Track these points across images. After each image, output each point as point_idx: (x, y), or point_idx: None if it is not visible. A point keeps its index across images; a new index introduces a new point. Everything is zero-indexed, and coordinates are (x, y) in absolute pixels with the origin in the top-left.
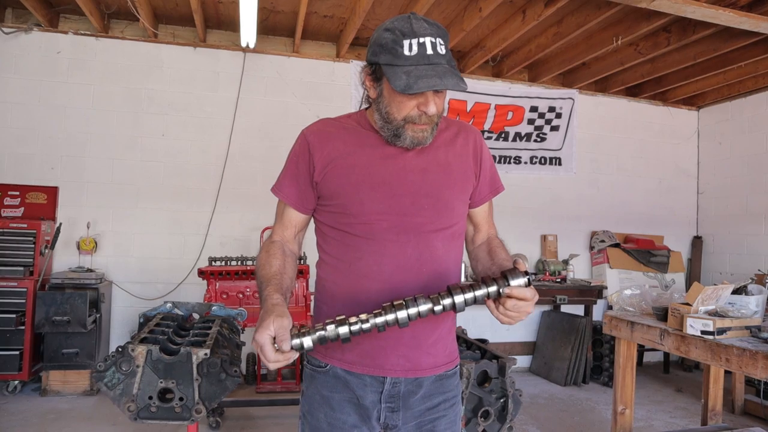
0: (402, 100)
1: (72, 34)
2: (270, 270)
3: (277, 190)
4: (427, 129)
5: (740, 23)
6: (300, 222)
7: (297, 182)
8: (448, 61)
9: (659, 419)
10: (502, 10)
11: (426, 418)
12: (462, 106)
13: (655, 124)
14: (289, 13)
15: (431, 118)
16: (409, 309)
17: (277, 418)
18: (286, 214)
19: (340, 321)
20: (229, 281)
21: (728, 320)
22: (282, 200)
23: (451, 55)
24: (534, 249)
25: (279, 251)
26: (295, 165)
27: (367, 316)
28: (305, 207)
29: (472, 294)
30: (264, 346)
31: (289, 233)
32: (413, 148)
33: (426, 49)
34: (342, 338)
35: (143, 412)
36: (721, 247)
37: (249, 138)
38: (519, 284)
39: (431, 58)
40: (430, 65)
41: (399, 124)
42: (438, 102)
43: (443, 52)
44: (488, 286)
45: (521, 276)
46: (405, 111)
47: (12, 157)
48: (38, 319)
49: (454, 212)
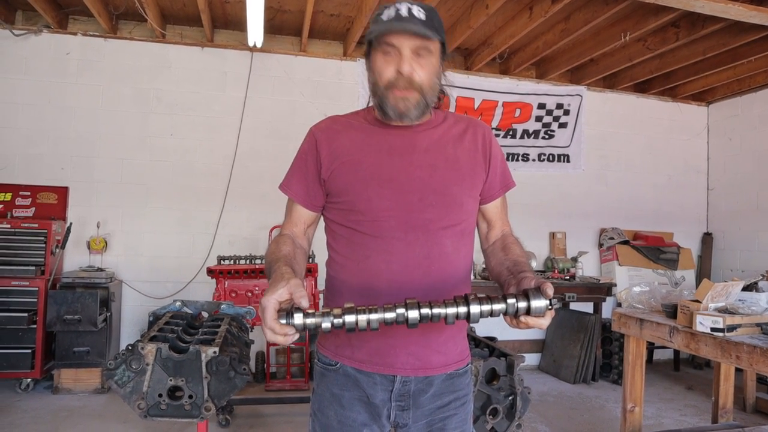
0: (381, 65)
1: (81, 35)
2: (279, 254)
3: (286, 188)
4: (409, 97)
5: (750, 17)
6: (309, 218)
7: (305, 179)
8: (425, 23)
9: (669, 417)
10: (509, 6)
11: (436, 416)
12: (469, 104)
13: (664, 120)
14: (295, 12)
15: (409, 80)
16: (421, 311)
17: (287, 416)
18: (295, 211)
19: (348, 309)
20: (237, 280)
21: (738, 317)
22: (290, 197)
23: (435, 24)
24: (543, 246)
25: (289, 241)
26: (304, 162)
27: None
28: (313, 204)
29: (489, 307)
30: (267, 308)
31: (299, 229)
32: (401, 122)
33: (401, 12)
34: (347, 327)
35: (153, 409)
36: (731, 244)
37: (257, 137)
38: (539, 310)
39: (403, 18)
40: (400, 21)
41: (382, 91)
42: (421, 64)
43: (419, 16)
44: (507, 305)
45: (542, 300)
46: (385, 75)
47: (23, 157)
48: (50, 317)
49: (463, 209)
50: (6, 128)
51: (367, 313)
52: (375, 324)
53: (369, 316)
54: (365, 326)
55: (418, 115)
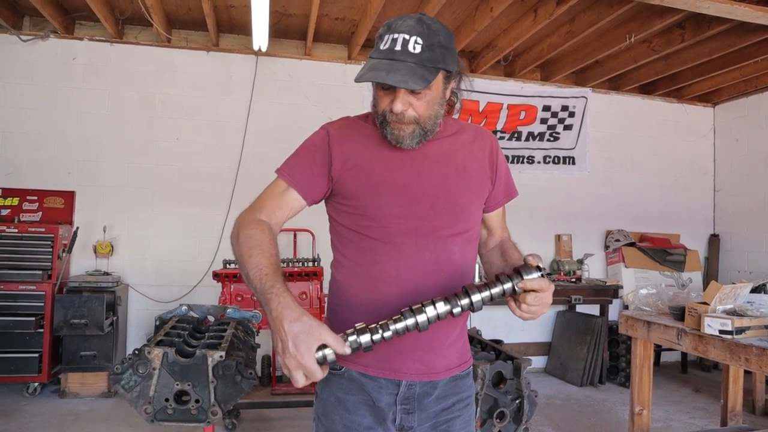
0: (379, 95)
1: (87, 40)
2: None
3: (288, 174)
4: (403, 128)
5: (756, 18)
6: (298, 208)
7: (310, 170)
8: (420, 60)
9: (677, 420)
10: (514, 9)
11: (441, 419)
12: (474, 106)
13: (670, 121)
14: (300, 16)
15: (399, 117)
16: (428, 312)
17: (293, 420)
18: (287, 197)
19: (361, 330)
20: (243, 284)
21: (747, 319)
22: (290, 185)
23: (434, 55)
24: (548, 249)
25: (270, 234)
26: (312, 153)
27: (387, 323)
28: (311, 197)
29: (488, 292)
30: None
31: (281, 216)
32: (398, 146)
33: (395, 45)
34: (364, 348)
35: (160, 414)
36: (738, 245)
37: (262, 141)
38: (532, 278)
39: (396, 54)
40: (392, 60)
41: (380, 118)
42: (416, 103)
43: (415, 51)
44: (503, 283)
45: (534, 270)
46: (381, 106)
47: (30, 162)
48: (57, 321)
49: (471, 217)
50: (13, 133)
51: (381, 330)
52: (390, 338)
53: (383, 333)
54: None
55: (417, 143)
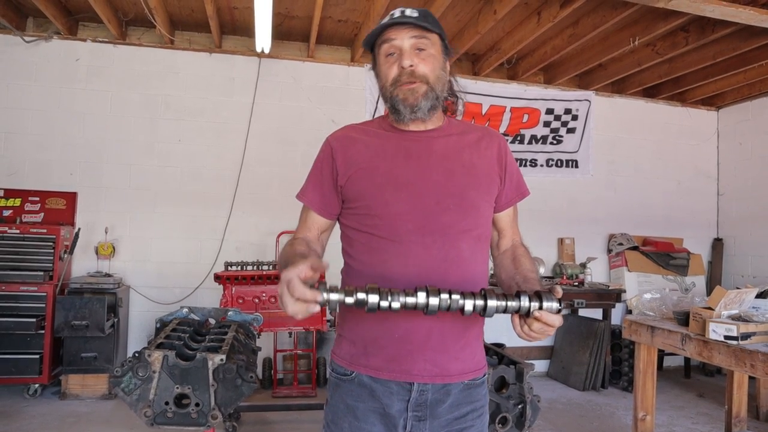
0: (385, 67)
1: (90, 41)
2: (295, 251)
3: (302, 196)
4: (416, 88)
5: (761, 21)
6: (323, 225)
7: (321, 187)
8: (418, 20)
9: (681, 425)
10: (517, 12)
11: (454, 428)
12: (477, 109)
13: (674, 125)
14: (303, 18)
15: (413, 73)
16: (441, 297)
17: (293, 423)
18: (310, 218)
19: (371, 289)
20: (245, 286)
21: (752, 325)
22: (306, 205)
23: (430, 21)
24: (551, 252)
25: (303, 242)
26: (319, 170)
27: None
28: (328, 211)
29: (504, 303)
30: (291, 280)
31: (312, 234)
32: (414, 119)
33: (394, 15)
34: (368, 307)
35: (160, 417)
36: (742, 249)
37: (264, 143)
38: (551, 309)
39: (397, 18)
40: (393, 20)
41: (390, 90)
42: (423, 57)
43: (412, 15)
44: (521, 302)
45: (555, 303)
46: (390, 74)
47: (32, 163)
48: (58, 323)
49: (480, 213)
50: (16, 134)
51: (389, 294)
52: (396, 304)
53: (391, 296)
54: (387, 306)
55: (429, 107)
